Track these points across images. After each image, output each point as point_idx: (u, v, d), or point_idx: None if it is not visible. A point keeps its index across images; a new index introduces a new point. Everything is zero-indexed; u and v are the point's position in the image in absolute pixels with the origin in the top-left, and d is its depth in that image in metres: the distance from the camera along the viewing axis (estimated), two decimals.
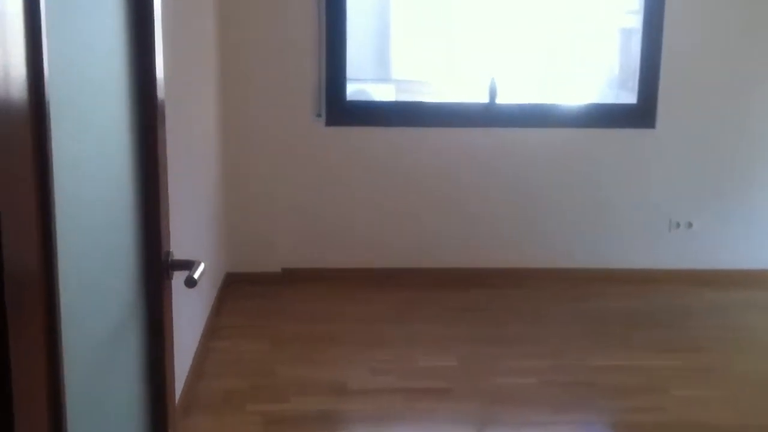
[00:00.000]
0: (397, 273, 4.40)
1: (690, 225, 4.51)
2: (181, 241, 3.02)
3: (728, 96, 4.36)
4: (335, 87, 4.21)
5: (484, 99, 4.40)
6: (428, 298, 4.21)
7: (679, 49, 4.29)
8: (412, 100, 6.38)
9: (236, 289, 4.19)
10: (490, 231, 4.45)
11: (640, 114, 4.41)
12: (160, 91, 1.52)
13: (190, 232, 3.26)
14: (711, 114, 4.37)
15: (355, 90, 4.62)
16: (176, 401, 1.80)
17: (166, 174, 1.64)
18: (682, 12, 4.24)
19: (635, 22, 4.71)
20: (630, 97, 4.47)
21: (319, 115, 4.20)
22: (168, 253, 1.49)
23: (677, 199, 4.48)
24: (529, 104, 4.53)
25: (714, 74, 4.33)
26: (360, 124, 4.27)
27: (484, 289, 4.35)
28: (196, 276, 1.47)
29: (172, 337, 1.56)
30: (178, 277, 1.50)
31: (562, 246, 4.49)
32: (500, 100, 4.39)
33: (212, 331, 3.63)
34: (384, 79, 10.91)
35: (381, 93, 10.08)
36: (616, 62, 5.35)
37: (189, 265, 1.49)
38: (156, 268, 1.45)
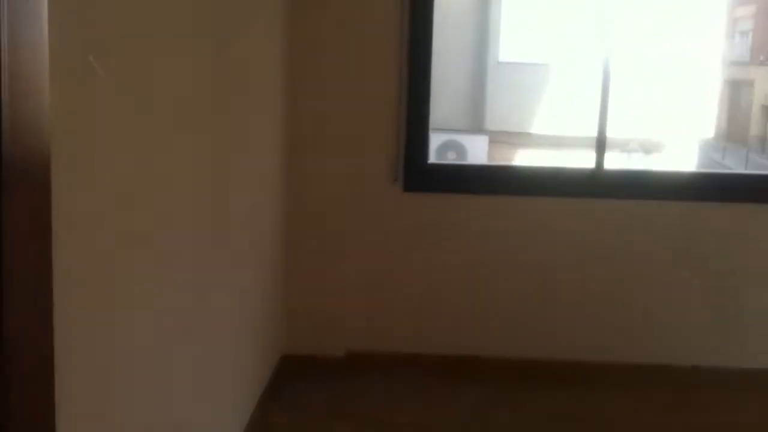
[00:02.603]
0: (479, 362, 3.78)
1: None
2: (222, 316, 2.56)
3: None
4: (415, 147, 3.68)
5: (588, 164, 3.78)
6: (513, 399, 3.57)
7: None
8: (506, 159, 5.87)
9: (291, 376, 3.66)
10: (591, 319, 3.79)
11: None
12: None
13: (232, 306, 2.79)
14: None
15: (446, 140, 4.13)
16: None
17: None
18: None
19: (743, 73, 4.13)
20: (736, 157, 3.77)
21: (395, 180, 3.67)
22: None
23: None
24: (642, 171, 3.87)
25: None
26: (443, 190, 3.70)
27: (580, 390, 3.66)
28: None
29: None
30: None
31: (673, 340, 3.77)
32: (607, 164, 3.76)
33: None
34: (477, 129, 10.41)
35: (474, 144, 9.60)
36: (723, 117, 4.75)
37: None
38: None
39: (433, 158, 8.76)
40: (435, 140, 9.89)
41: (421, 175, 3.69)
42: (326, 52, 3.58)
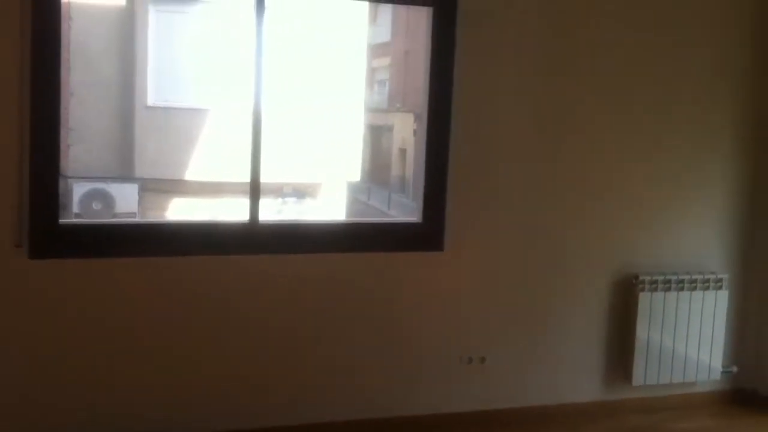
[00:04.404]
0: None
1: (483, 360, 3.94)
2: None
3: (526, 213, 3.90)
4: (43, 203, 3.14)
5: (243, 216, 3.56)
6: None
7: (468, 158, 3.78)
8: (160, 207, 5.52)
9: None
10: (256, 384, 3.56)
11: (425, 234, 3.81)
12: None
13: None
14: (506, 234, 3.88)
15: (90, 189, 3.65)
16: None
17: None
18: (467, 119, 3.75)
19: (384, 119, 4.39)
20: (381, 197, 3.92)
21: (19, 245, 3.10)
22: None
23: (468, 332, 3.89)
24: (296, 223, 3.76)
25: (509, 188, 3.87)
26: (80, 255, 3.21)
27: None
28: None
29: None
30: None
31: (337, 394, 3.70)
32: (263, 210, 3.58)
33: None
34: (126, 177, 9.79)
35: (123, 193, 8.98)
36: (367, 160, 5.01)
37: None
38: None
39: (76, 209, 7.94)
40: (78, 190, 9.05)
41: (52, 238, 3.17)
42: None
